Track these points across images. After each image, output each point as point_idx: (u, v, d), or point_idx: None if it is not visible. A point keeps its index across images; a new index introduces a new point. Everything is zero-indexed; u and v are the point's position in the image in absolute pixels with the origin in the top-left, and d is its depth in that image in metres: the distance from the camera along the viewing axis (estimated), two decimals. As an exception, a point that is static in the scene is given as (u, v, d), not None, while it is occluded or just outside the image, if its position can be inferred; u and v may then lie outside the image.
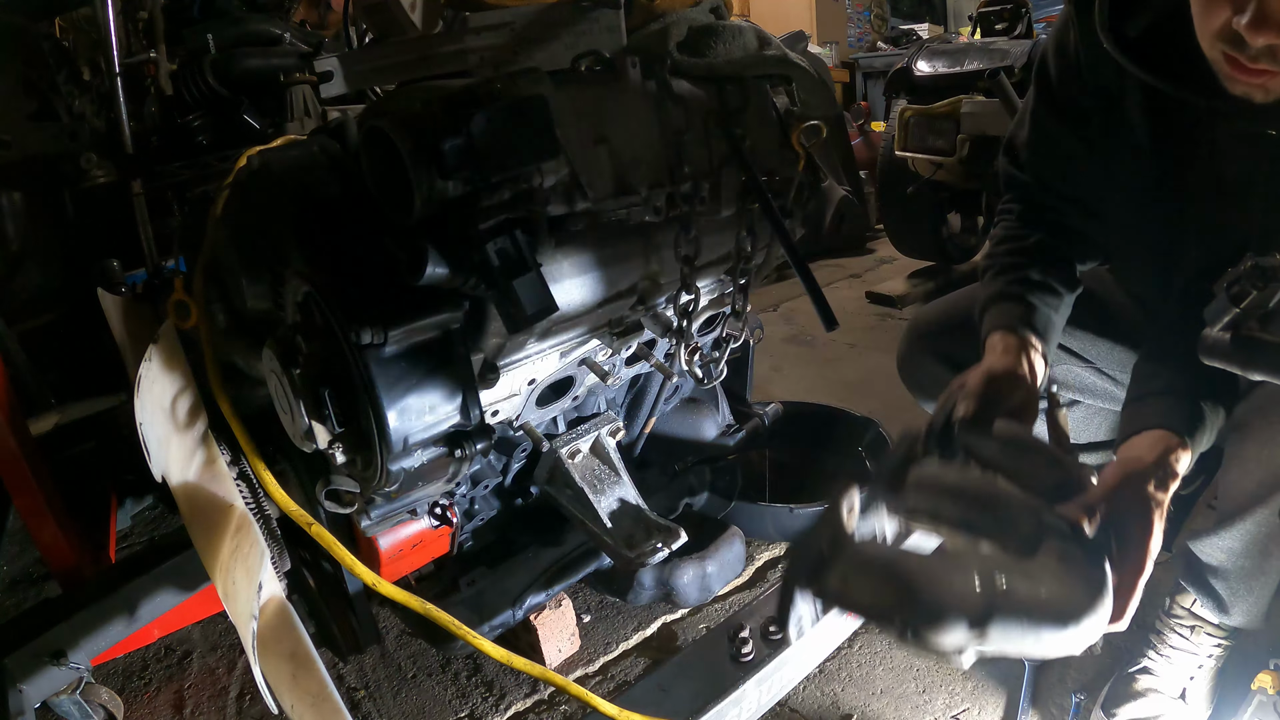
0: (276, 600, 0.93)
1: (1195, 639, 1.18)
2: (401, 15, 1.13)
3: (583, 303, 0.92)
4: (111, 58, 1.45)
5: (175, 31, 1.58)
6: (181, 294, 0.96)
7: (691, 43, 0.93)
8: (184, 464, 0.95)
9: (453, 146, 0.68)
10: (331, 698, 0.86)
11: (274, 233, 0.84)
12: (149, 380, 0.94)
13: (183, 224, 1.22)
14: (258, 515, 0.94)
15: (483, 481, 1.17)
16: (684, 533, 1.07)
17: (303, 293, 0.81)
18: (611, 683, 1.40)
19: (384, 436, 0.76)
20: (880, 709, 1.32)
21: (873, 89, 6.22)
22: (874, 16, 7.11)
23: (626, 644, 1.48)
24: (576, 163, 0.84)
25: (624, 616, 1.54)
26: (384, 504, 0.97)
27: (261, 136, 1.39)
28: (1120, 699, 1.20)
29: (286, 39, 1.56)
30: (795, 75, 0.96)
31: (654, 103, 0.91)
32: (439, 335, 0.79)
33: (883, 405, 1.50)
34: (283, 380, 0.81)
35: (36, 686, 1.00)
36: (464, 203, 0.77)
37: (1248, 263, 0.75)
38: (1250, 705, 1.15)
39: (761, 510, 1.63)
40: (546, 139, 0.73)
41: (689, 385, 1.41)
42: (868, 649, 1.45)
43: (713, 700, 1.02)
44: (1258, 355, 0.75)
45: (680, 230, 0.95)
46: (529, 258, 0.75)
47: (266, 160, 0.86)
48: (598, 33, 0.94)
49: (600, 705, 0.95)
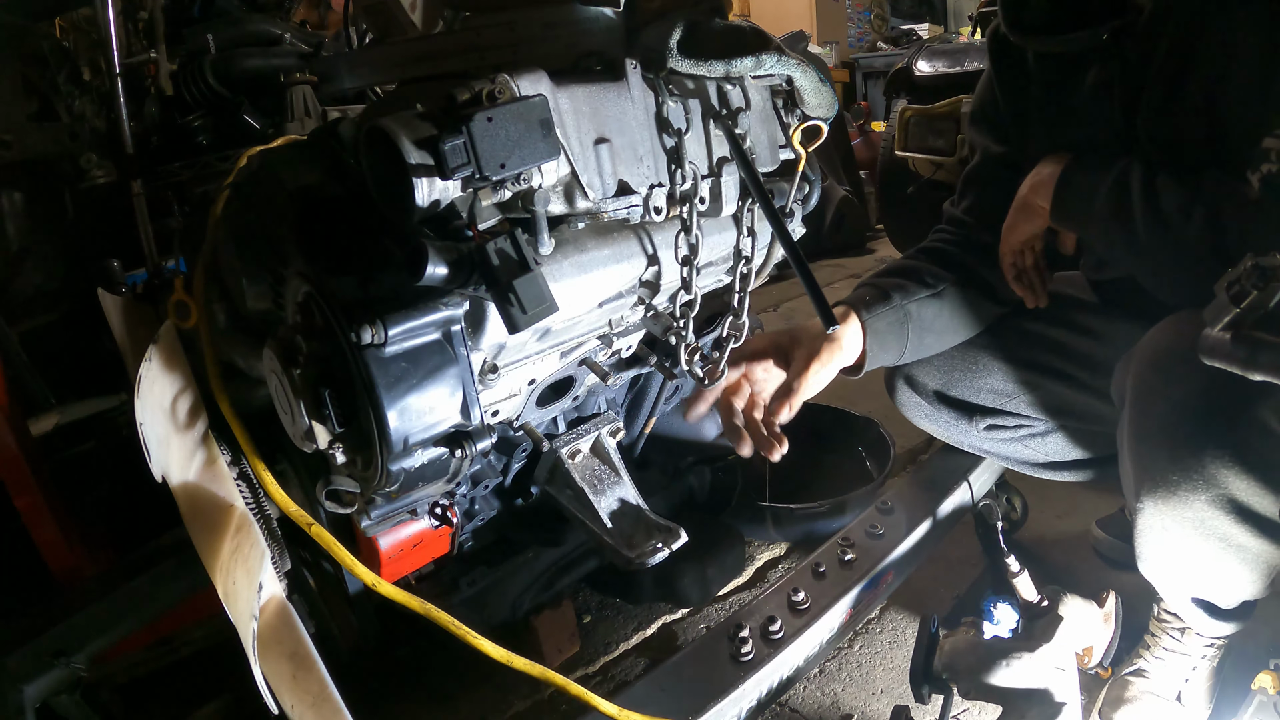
0: (276, 600, 0.93)
1: (1186, 640, 1.18)
2: (401, 15, 1.13)
3: (583, 303, 0.92)
4: (111, 58, 1.45)
5: (175, 31, 1.58)
6: (181, 294, 0.96)
7: (691, 43, 0.93)
8: (184, 464, 0.95)
9: (453, 146, 0.68)
10: (332, 698, 0.86)
11: (274, 233, 0.84)
12: (149, 380, 0.94)
13: (183, 224, 1.22)
14: (258, 515, 0.94)
15: (483, 481, 1.17)
16: (684, 533, 1.07)
17: (303, 293, 0.81)
18: (611, 683, 1.40)
19: (384, 436, 0.76)
20: (880, 709, 1.32)
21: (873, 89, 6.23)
22: (874, 16, 7.11)
23: (626, 644, 1.48)
24: (576, 163, 0.84)
25: (624, 616, 1.54)
26: (384, 504, 0.97)
27: (261, 136, 1.39)
28: (1116, 703, 1.20)
29: (286, 39, 1.57)
30: (795, 75, 0.96)
31: (654, 103, 0.91)
32: (439, 335, 0.79)
33: (882, 405, 1.50)
34: (283, 380, 0.81)
35: (36, 686, 1.00)
36: (464, 203, 0.78)
37: (1248, 263, 0.75)
38: (1250, 705, 1.14)
39: (761, 510, 1.63)
40: (546, 139, 0.73)
41: (689, 385, 1.41)
42: (868, 649, 1.45)
43: (713, 700, 1.01)
44: (1258, 355, 0.75)
45: (680, 230, 0.95)
46: (529, 258, 0.75)
47: (266, 160, 0.86)
48: (598, 33, 0.94)
49: (600, 705, 0.95)
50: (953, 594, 1.58)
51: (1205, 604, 1.09)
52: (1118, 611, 1.25)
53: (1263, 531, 0.96)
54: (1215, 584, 1.07)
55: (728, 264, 1.06)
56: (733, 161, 0.98)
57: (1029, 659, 1.07)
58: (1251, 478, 0.93)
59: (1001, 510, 1.62)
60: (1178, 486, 0.98)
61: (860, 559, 1.26)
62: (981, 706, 1.27)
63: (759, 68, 0.93)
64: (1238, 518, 0.96)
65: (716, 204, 0.98)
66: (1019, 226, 1.21)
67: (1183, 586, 1.10)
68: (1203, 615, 1.10)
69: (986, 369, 1.34)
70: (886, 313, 1.23)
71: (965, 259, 1.30)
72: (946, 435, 1.43)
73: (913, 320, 1.25)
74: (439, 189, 0.74)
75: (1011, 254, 1.25)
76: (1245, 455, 0.93)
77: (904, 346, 1.27)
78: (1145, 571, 1.11)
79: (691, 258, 0.96)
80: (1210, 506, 0.96)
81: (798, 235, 1.11)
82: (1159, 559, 1.08)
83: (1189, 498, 0.97)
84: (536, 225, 0.81)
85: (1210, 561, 1.03)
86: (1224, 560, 1.02)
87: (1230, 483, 0.94)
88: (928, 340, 1.29)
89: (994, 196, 1.26)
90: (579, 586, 1.54)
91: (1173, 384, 1.00)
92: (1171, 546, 1.05)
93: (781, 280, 1.22)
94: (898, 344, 1.26)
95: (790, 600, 1.17)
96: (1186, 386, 0.98)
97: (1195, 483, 0.96)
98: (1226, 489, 0.95)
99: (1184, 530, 1.01)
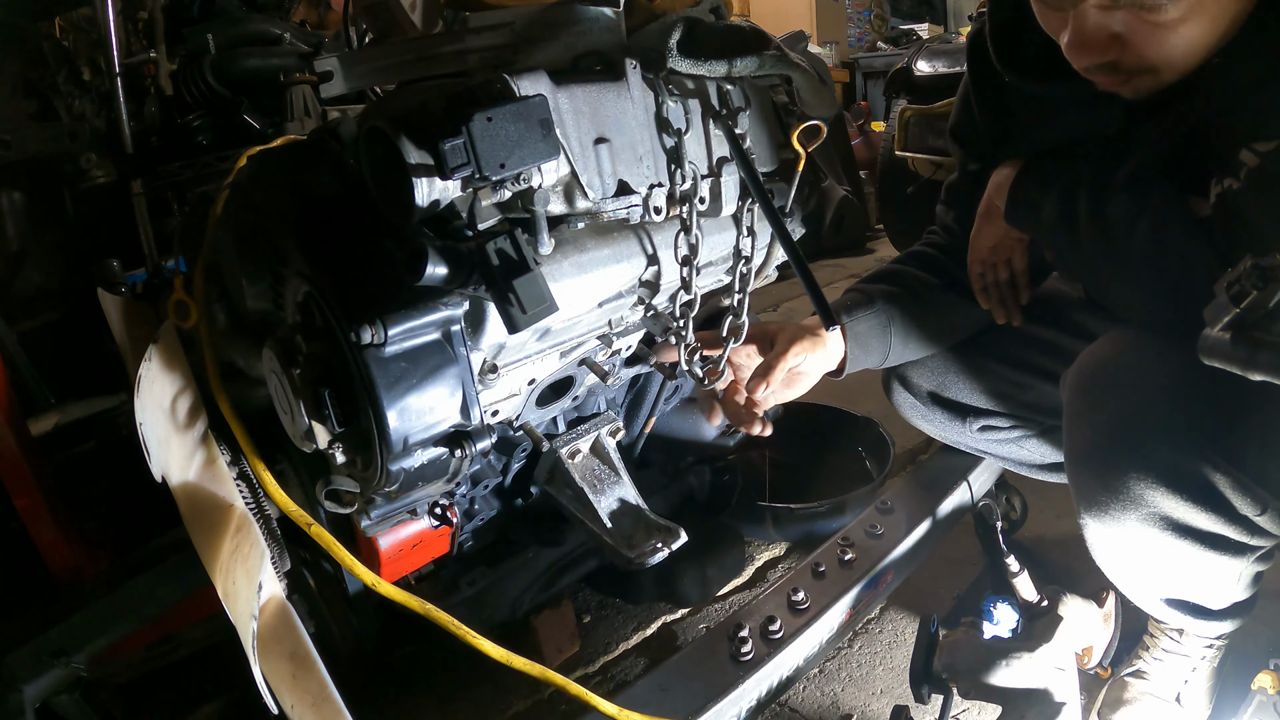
0: (276, 600, 0.93)
1: (1185, 641, 1.18)
2: (401, 15, 1.13)
3: (583, 303, 0.92)
4: (111, 58, 1.45)
5: (175, 31, 1.58)
6: (181, 294, 0.96)
7: (691, 43, 0.93)
8: (184, 464, 0.95)
9: (453, 146, 0.68)
10: (332, 698, 0.86)
11: (274, 233, 0.84)
12: (149, 380, 0.94)
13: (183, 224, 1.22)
14: (258, 515, 0.94)
15: (483, 481, 1.17)
16: (684, 533, 1.07)
17: (303, 293, 0.81)
18: (611, 683, 1.40)
19: (384, 436, 0.76)
20: (880, 709, 1.32)
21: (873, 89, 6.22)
22: (874, 16, 7.11)
23: (626, 644, 1.48)
24: (576, 163, 0.84)
25: (624, 616, 1.54)
26: (384, 504, 0.97)
27: (261, 136, 1.39)
28: (1115, 704, 1.20)
29: (286, 39, 1.57)
30: (795, 75, 0.96)
31: (654, 103, 0.91)
32: (439, 335, 0.79)
33: (882, 405, 1.50)
34: (283, 380, 0.81)
35: (36, 686, 1.00)
36: (464, 203, 0.78)
37: (1248, 263, 0.75)
38: (1250, 705, 1.14)
39: (761, 510, 1.63)
40: (546, 139, 0.73)
41: (689, 385, 1.41)
42: (868, 649, 1.45)
43: (713, 700, 1.01)
44: (1258, 355, 0.75)
45: (680, 230, 0.95)
46: (529, 258, 0.75)
47: (266, 160, 0.86)
48: (598, 33, 0.94)
49: (600, 705, 0.95)
50: (953, 594, 1.58)
51: (1187, 605, 1.09)
52: (1117, 611, 1.25)
53: (1208, 544, 0.97)
54: (1181, 590, 1.07)
55: (728, 264, 1.06)
56: (733, 161, 0.98)
57: (1029, 659, 1.07)
58: (1181, 497, 0.93)
59: (1001, 510, 1.61)
60: (1108, 506, 0.99)
61: (860, 559, 1.26)
62: (981, 706, 1.27)
63: (759, 68, 0.93)
64: (1176, 533, 0.97)
65: (716, 204, 0.98)
66: (984, 230, 1.19)
67: (1148, 594, 1.10)
68: (1188, 617, 1.10)
69: (980, 370, 1.33)
70: (868, 316, 1.23)
71: (951, 264, 1.29)
72: (942, 435, 1.43)
73: (895, 324, 1.25)
74: (439, 189, 0.74)
75: (979, 264, 1.23)
76: (1171, 477, 0.93)
77: (887, 350, 1.26)
78: (1110, 579, 1.12)
79: (691, 258, 0.96)
80: (1144, 524, 0.97)
81: (798, 235, 1.11)
82: (1113, 570, 1.10)
83: (1120, 516, 0.99)
84: (536, 225, 0.81)
85: (1164, 572, 1.04)
86: (1178, 571, 1.03)
87: (1159, 502, 0.95)
88: (911, 344, 1.29)
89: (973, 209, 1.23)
90: (579, 586, 1.54)
91: (1097, 407, 1.01)
92: (1119, 559, 1.07)
93: (781, 280, 1.21)
94: (880, 347, 1.26)
95: (790, 600, 1.17)
96: (1110, 408, 0.99)
97: (1124, 503, 0.97)
98: (1157, 508, 0.95)
99: (1124, 545, 1.02)
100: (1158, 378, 0.96)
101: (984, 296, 1.26)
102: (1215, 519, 0.94)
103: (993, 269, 1.23)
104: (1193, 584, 1.05)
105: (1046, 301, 1.28)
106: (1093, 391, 1.02)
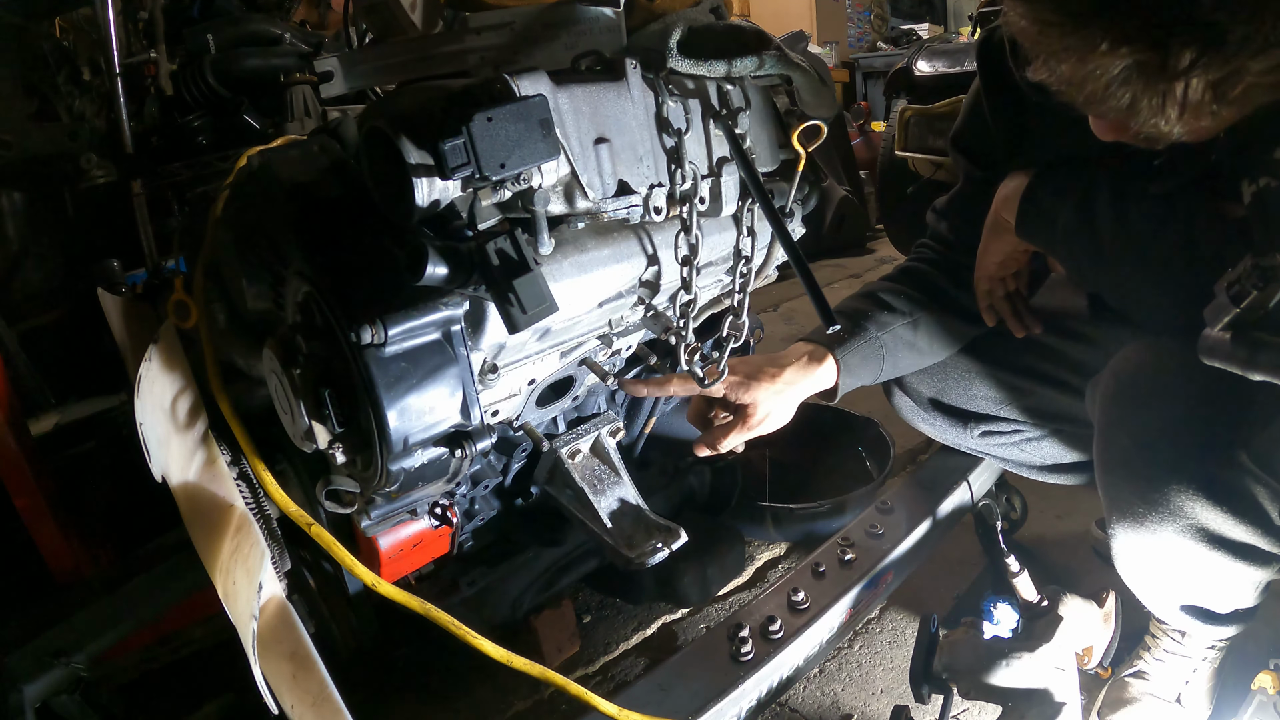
0: (276, 600, 0.93)
1: (1186, 643, 1.18)
2: (401, 15, 1.13)
3: (583, 303, 0.92)
4: (111, 58, 1.44)
5: (175, 31, 1.58)
6: (181, 294, 0.96)
7: (691, 43, 0.93)
8: (184, 464, 0.95)
9: (453, 146, 0.68)
10: (332, 698, 0.86)
11: (274, 233, 0.84)
12: (149, 380, 0.94)
13: (183, 224, 1.22)
14: (258, 515, 0.94)
15: (483, 481, 1.17)
16: (684, 533, 1.07)
17: (303, 293, 0.81)
18: (611, 683, 1.40)
19: (384, 436, 0.76)
20: (880, 709, 1.32)
21: (873, 89, 6.23)
22: (874, 16, 7.11)
23: (626, 644, 1.48)
24: (576, 163, 0.84)
25: (624, 616, 1.54)
26: (384, 504, 0.97)
27: (261, 136, 1.39)
28: (1115, 704, 1.20)
29: (286, 39, 1.56)
30: (795, 75, 0.96)
31: (654, 103, 0.91)
32: (439, 335, 0.79)
33: (882, 405, 1.50)
34: (283, 380, 0.81)
35: (36, 686, 1.00)
36: (464, 203, 0.78)
37: (1248, 262, 0.75)
38: (1250, 705, 1.14)
39: (762, 510, 1.63)
40: (546, 139, 0.73)
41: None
42: (868, 649, 1.45)
43: (713, 700, 1.01)
44: (1258, 355, 0.75)
45: (680, 230, 0.95)
46: (529, 258, 0.75)
47: (266, 160, 0.86)
48: (598, 33, 0.94)
49: (600, 705, 0.95)
50: (953, 594, 1.58)
51: (1199, 611, 1.09)
52: (1118, 611, 1.25)
53: (1239, 555, 0.96)
54: (1199, 598, 1.07)
55: (728, 264, 1.06)
56: (733, 161, 0.98)
57: (1029, 659, 1.07)
58: (1220, 509, 0.93)
59: (1001, 510, 1.61)
60: (1145, 518, 0.99)
61: (860, 559, 1.26)
62: (981, 706, 1.27)
63: (759, 68, 0.93)
64: (1210, 545, 0.96)
65: (716, 204, 0.98)
66: (991, 245, 1.18)
67: (1166, 602, 1.10)
68: (1196, 622, 1.10)
69: (979, 376, 1.33)
70: (861, 346, 1.23)
71: (942, 281, 1.29)
72: (943, 439, 1.43)
73: (887, 350, 1.25)
74: (439, 189, 0.74)
75: (988, 279, 1.22)
76: (1213, 489, 0.93)
77: (879, 371, 1.27)
78: (1130, 587, 1.12)
79: (691, 258, 0.96)
80: (1180, 535, 0.97)
81: (798, 235, 1.11)
82: (1137, 579, 1.09)
83: (1156, 528, 0.98)
84: (536, 225, 0.81)
85: (1188, 581, 1.04)
86: (1202, 580, 1.02)
87: (1199, 514, 0.94)
88: (903, 364, 1.29)
89: (976, 221, 1.22)
90: (579, 586, 1.54)
91: (1134, 416, 1.00)
92: (1147, 568, 1.06)
93: (782, 280, 1.21)
94: (872, 371, 1.26)
95: (790, 600, 1.17)
96: (1148, 418, 0.98)
97: (1162, 515, 0.97)
98: (1195, 520, 0.95)
99: (1156, 555, 1.01)
100: (1195, 387, 0.95)
101: (989, 315, 1.26)
102: (1251, 530, 0.93)
103: (1000, 284, 1.22)
104: (1213, 592, 1.05)
105: (1043, 307, 1.28)
106: (1130, 400, 1.01)
